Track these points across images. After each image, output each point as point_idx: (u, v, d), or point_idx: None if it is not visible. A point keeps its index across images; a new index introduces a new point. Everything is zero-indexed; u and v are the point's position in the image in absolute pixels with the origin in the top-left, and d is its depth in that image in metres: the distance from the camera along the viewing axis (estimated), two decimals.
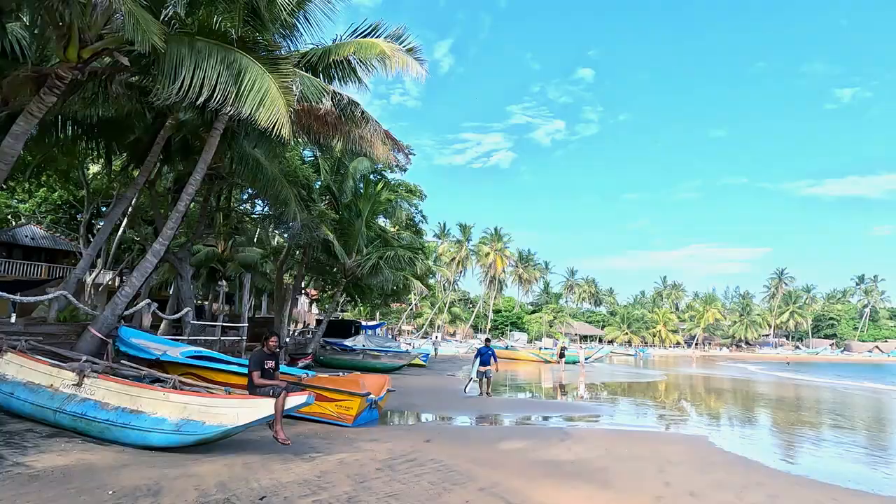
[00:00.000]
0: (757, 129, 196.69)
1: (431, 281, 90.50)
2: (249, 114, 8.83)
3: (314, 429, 8.82)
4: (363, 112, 12.22)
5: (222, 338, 17.37)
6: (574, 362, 36.86)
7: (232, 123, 13.36)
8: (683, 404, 16.95)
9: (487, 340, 17.40)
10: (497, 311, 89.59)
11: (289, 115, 8.92)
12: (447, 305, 79.04)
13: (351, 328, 35.21)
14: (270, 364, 7.27)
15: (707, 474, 6.86)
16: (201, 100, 9.05)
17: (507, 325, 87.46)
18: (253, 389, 6.92)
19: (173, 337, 13.74)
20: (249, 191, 23.79)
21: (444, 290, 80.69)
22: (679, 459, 7.67)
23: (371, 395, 10.06)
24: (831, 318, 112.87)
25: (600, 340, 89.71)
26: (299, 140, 15.20)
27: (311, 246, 23.75)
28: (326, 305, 29.56)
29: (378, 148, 13.35)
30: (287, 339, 21.10)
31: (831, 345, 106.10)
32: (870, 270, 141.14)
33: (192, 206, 25.32)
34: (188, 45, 9.11)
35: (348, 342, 31.01)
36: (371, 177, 27.68)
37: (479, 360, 15.31)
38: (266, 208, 23.43)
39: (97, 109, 12.21)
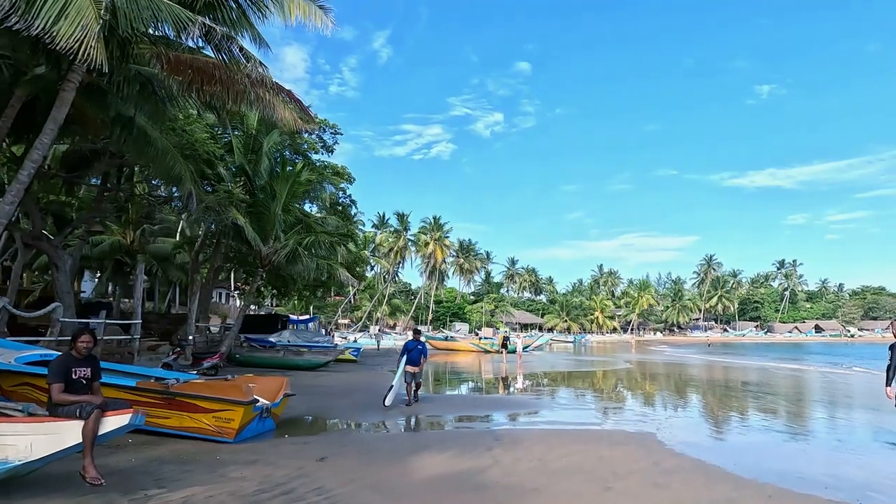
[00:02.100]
0: (685, 122, 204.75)
1: (370, 273, 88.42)
2: (44, 27, 6.69)
3: (181, 449, 6.94)
4: (254, 59, 10.21)
5: (105, 337, 14.88)
6: (514, 351, 35.94)
7: (96, 77, 11.07)
8: (625, 393, 16.01)
9: (416, 332, 12.57)
10: (438, 302, 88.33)
11: (102, 31, 6.81)
12: (386, 297, 76.98)
13: (277, 323, 32.80)
14: (83, 373, 5.31)
15: (662, 489, 5.54)
16: None
17: (448, 316, 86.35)
18: (54, 409, 4.96)
19: (26, 339, 11.29)
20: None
21: (384, 281, 78.61)
22: (627, 469, 6.34)
23: (261, 403, 8.25)
24: (756, 302, 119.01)
25: (540, 328, 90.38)
26: (189, 100, 12.93)
27: (223, 233, 21.36)
28: (242, 299, 27.03)
29: (281, 111, 11.38)
30: (191, 337, 18.70)
31: (756, 326, 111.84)
32: (789, 256, 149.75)
33: (82, 189, 22.51)
34: None
35: (273, 338, 28.70)
36: (293, 157, 25.46)
37: (405, 357, 11.46)
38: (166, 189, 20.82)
39: None
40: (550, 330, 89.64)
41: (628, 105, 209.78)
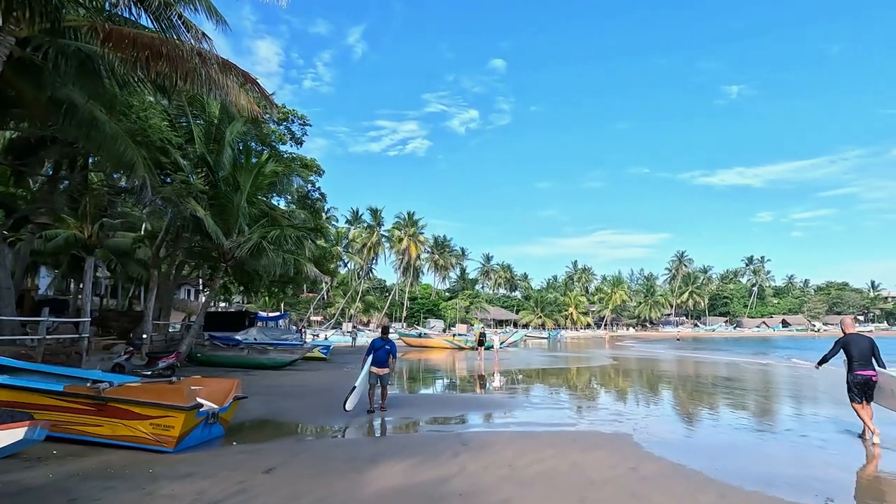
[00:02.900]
0: (657, 121, 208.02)
1: (344, 270, 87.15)
2: None
3: (111, 461, 6.21)
4: (195, 29, 9.42)
5: (53, 336, 13.89)
6: (490, 347, 35.45)
7: (29, 53, 10.16)
8: (600, 390, 15.64)
9: (385, 330, 11.13)
10: (413, 299, 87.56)
11: None
12: (360, 294, 75.91)
13: (245, 320, 31.74)
14: None
15: (641, 500, 5.03)
16: None
17: (423, 313, 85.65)
18: None
19: None
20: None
21: (358, 277, 77.54)
22: (603, 476, 5.83)
23: (207, 407, 7.53)
24: (725, 297, 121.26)
25: (515, 325, 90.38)
26: (136, 81, 12.02)
27: (183, 226, 20.35)
28: (206, 295, 25.86)
29: (237, 95, 10.59)
30: (145, 336, 17.69)
31: (725, 321, 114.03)
32: (757, 252, 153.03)
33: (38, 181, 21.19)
34: None
35: (239, 336, 27.73)
36: (259, 149, 24.49)
37: (371, 357, 10.28)
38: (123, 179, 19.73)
39: None
40: (525, 326, 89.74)
41: (602, 103, 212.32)
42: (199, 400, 7.68)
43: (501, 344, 37.28)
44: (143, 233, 27.94)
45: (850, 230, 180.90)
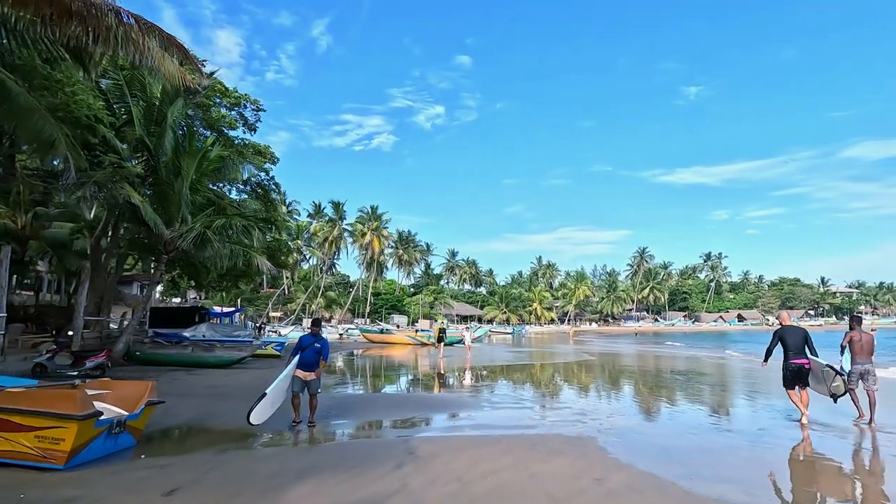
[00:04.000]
0: (619, 120, 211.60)
1: (306, 265, 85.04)
2: None
3: None
4: None
5: None
6: (453, 343, 34.58)
7: None
8: (563, 388, 15.02)
9: (316, 324, 9.20)
10: (377, 294, 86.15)
11: None
12: (322, 289, 74.15)
13: (195, 315, 30.09)
14: None
15: None
16: None
17: (386, 308, 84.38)
18: None
19: None
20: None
21: (321, 272, 75.76)
22: (565, 491, 5.06)
23: (110, 415, 6.46)
24: (684, 293, 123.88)
25: (480, 320, 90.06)
26: (48, 42, 10.69)
27: (119, 214, 18.87)
28: (145, 289, 24.17)
29: (161, 60, 9.42)
30: (71, 333, 16.22)
31: (685, 316, 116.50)
32: (714, 249, 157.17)
33: None
34: None
35: (187, 332, 26.21)
36: (210, 134, 23.04)
37: (297, 358, 8.46)
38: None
39: None
40: (490, 321, 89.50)
41: (566, 102, 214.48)
42: (102, 406, 6.62)
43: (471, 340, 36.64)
44: (82, 223, 26.11)
45: (801, 228, 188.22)
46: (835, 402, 9.04)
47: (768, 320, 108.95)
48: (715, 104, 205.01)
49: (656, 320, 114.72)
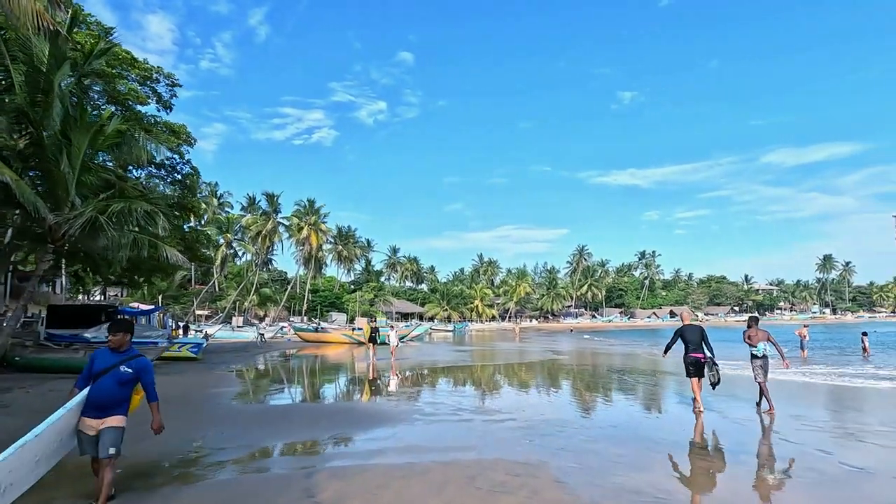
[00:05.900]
0: (558, 122, 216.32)
1: (240, 262, 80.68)
2: None
3: None
4: None
5: None
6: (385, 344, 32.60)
7: None
8: (508, 393, 13.72)
9: (120, 328, 5.03)
10: (315, 291, 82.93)
11: None
12: (255, 286, 70.43)
13: (101, 315, 26.99)
14: None
15: None
16: None
17: (324, 306, 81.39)
18: None
19: None
20: None
21: (254, 267, 71.95)
22: None
23: None
24: (620, 290, 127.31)
25: (421, 317, 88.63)
26: None
27: None
28: (31, 285, 21.02)
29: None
30: None
31: (620, 312, 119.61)
32: (648, 247, 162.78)
33: None
34: None
35: (89, 333, 23.36)
36: (113, 109, 20.30)
37: (83, 393, 4.80)
38: None
39: None
40: (431, 319, 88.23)
41: (506, 102, 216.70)
42: None
43: (402, 338, 34.88)
44: None
45: (726, 229, 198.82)
46: (713, 388, 9.93)
47: (697, 316, 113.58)
48: (648, 109, 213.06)
49: (594, 317, 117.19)
